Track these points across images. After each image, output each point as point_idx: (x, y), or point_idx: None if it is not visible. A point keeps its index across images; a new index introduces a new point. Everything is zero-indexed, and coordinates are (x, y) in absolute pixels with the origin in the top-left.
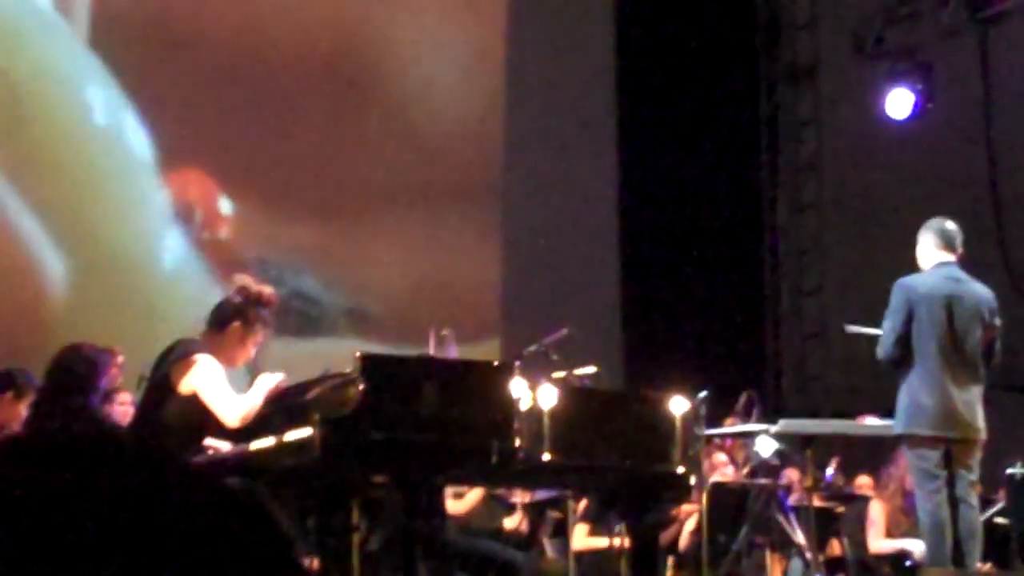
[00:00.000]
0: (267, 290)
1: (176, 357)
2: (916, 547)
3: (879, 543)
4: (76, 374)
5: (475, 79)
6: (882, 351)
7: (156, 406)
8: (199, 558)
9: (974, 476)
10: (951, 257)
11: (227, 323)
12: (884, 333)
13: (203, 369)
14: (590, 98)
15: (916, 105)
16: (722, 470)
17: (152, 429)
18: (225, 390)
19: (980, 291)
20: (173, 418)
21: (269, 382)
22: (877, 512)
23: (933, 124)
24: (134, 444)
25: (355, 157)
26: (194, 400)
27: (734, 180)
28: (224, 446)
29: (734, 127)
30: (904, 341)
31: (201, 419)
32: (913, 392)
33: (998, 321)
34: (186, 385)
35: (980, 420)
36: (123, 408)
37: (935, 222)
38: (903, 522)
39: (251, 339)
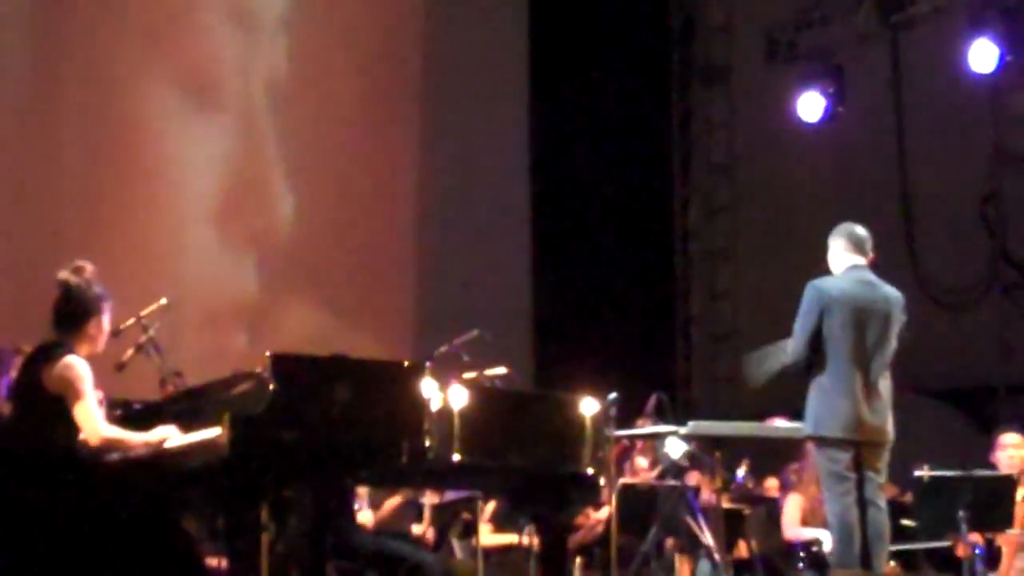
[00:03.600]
0: (86, 269)
1: (47, 360)
2: (827, 539)
3: (795, 530)
4: None
5: (390, 82)
6: (791, 353)
7: (28, 410)
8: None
9: (882, 478)
10: (862, 260)
11: (83, 322)
12: (795, 334)
13: (77, 377)
14: (503, 99)
15: (827, 108)
16: (643, 475)
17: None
18: (93, 405)
19: (891, 293)
20: (47, 421)
21: (164, 434)
22: (794, 504)
23: (844, 127)
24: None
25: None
26: (63, 402)
27: (646, 182)
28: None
29: (647, 129)
30: (814, 343)
31: (73, 422)
32: (824, 395)
33: (904, 317)
34: (58, 389)
35: (889, 424)
36: None
37: (845, 227)
38: (820, 514)
39: (104, 320)
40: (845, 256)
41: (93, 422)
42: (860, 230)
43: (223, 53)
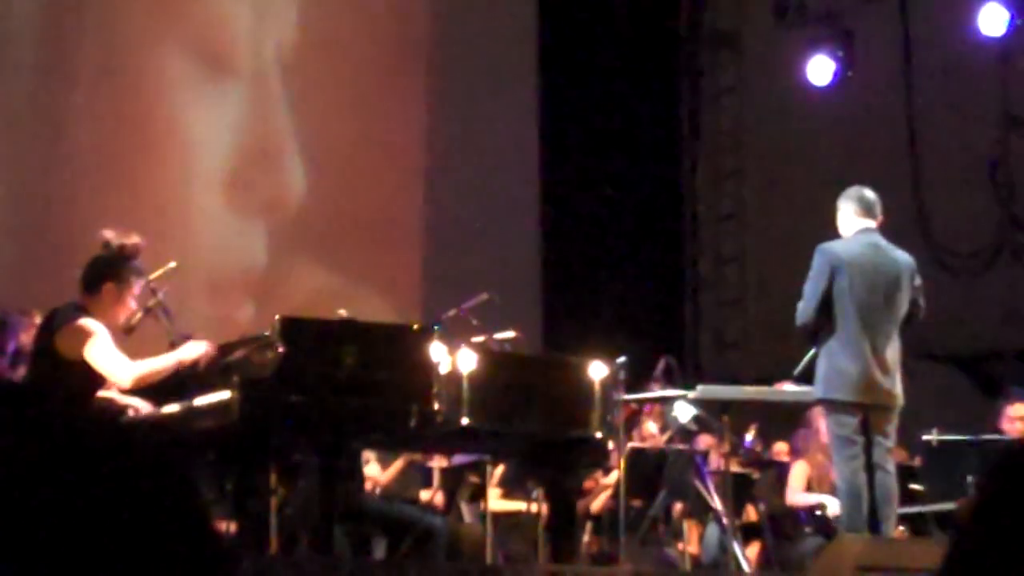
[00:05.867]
0: (131, 239)
1: (60, 323)
2: (831, 503)
3: (797, 495)
4: None
5: (400, 48)
6: (801, 315)
7: (42, 373)
8: (110, 522)
9: (891, 443)
10: (872, 224)
11: (100, 284)
12: (805, 298)
13: (88, 333)
14: (512, 66)
15: (836, 72)
16: (652, 440)
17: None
18: (113, 352)
19: (901, 257)
20: (60, 385)
21: (196, 350)
22: (800, 470)
23: (854, 91)
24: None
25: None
26: (80, 366)
27: (655, 146)
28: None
29: (655, 94)
30: (824, 306)
31: (87, 385)
32: (833, 358)
33: (919, 281)
34: (72, 351)
35: (898, 387)
36: None
37: (854, 190)
38: (827, 481)
39: (127, 294)
40: (854, 220)
41: (119, 366)
42: (869, 193)
43: (234, 20)
